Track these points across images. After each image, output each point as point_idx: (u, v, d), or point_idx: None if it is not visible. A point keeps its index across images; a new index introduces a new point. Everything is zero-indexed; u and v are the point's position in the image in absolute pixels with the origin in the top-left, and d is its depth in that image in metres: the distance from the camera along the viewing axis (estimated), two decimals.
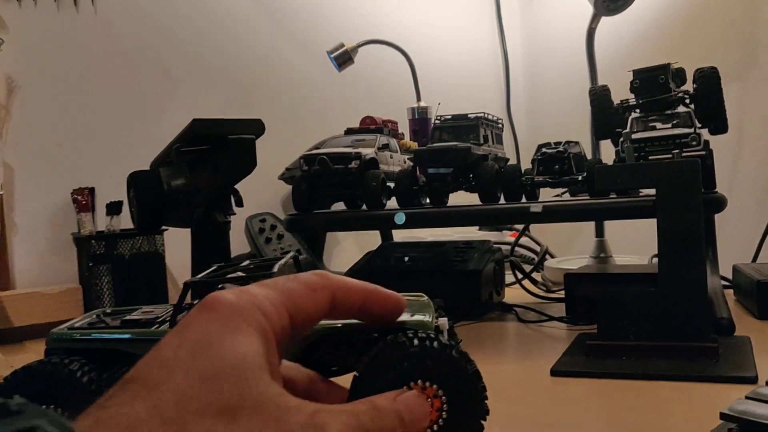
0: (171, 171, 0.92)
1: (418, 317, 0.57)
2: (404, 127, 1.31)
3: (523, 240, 1.45)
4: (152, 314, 0.61)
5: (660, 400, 0.65)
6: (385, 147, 1.09)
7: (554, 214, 0.88)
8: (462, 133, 1.04)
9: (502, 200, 0.98)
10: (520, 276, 1.27)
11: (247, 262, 0.59)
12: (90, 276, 1.15)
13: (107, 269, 1.15)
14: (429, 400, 0.52)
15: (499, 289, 1.20)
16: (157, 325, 0.58)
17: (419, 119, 1.33)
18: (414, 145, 1.23)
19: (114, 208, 1.18)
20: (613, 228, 1.33)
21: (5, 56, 1.16)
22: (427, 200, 1.05)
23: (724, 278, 1.09)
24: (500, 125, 1.14)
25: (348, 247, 1.50)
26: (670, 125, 0.93)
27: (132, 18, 1.32)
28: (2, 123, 1.17)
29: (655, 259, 1.25)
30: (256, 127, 0.99)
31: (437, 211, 0.95)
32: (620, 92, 0.98)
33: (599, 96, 0.98)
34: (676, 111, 0.97)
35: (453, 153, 0.98)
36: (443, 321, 0.63)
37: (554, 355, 0.83)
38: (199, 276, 0.65)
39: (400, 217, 0.95)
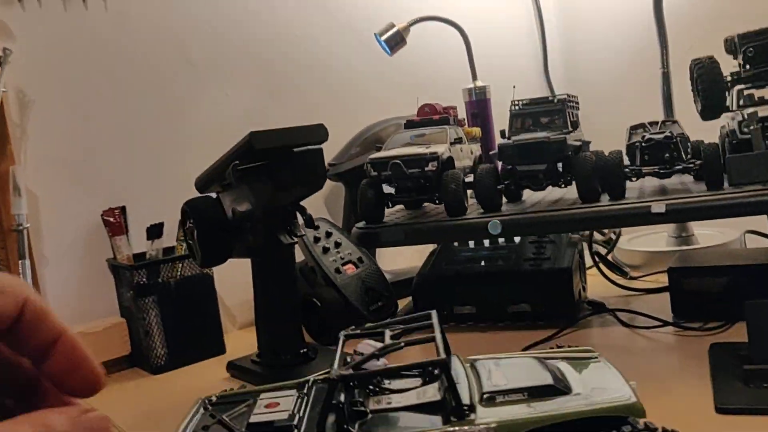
0: (234, 196, 0.80)
1: (620, 398, 0.46)
2: (460, 111, 1.18)
3: None
4: (279, 409, 0.49)
5: None
6: (458, 141, 0.97)
7: (680, 213, 0.77)
8: (547, 120, 0.92)
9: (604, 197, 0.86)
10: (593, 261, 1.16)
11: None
12: (136, 309, 1.03)
13: (153, 300, 1.03)
14: None
15: (584, 284, 1.10)
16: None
17: (477, 101, 1.20)
18: (478, 132, 1.10)
19: (155, 232, 1.06)
20: None
21: (14, 68, 1.02)
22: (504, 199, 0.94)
23: None
24: (578, 105, 1.01)
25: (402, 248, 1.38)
26: None
27: (146, 5, 1.17)
28: (18, 144, 1.04)
29: (749, 235, 1.16)
30: (320, 134, 0.86)
31: (538, 216, 0.83)
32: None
33: (707, 69, 0.86)
34: None
35: (546, 147, 0.86)
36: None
37: (696, 377, 0.72)
38: (357, 330, 0.53)
39: (496, 226, 0.84)
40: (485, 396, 0.43)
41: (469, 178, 0.95)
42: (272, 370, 0.93)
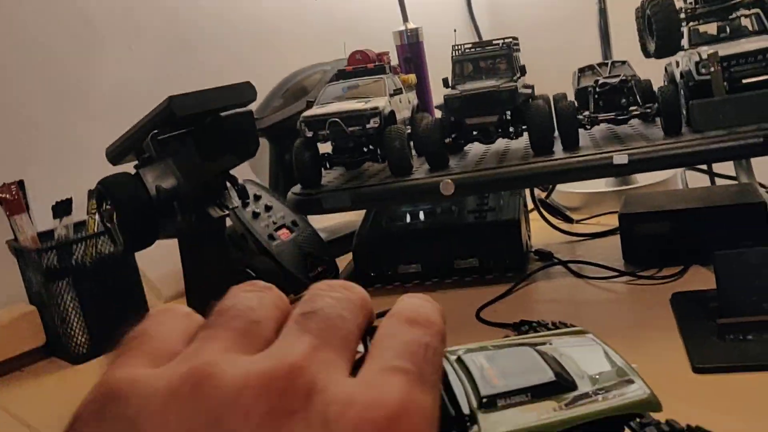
0: (156, 171, 0.70)
1: (637, 393, 0.42)
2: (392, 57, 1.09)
3: None
4: None
5: None
6: (397, 92, 0.89)
7: (643, 163, 0.72)
8: (492, 66, 0.86)
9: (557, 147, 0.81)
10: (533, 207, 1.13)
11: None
12: (48, 296, 0.92)
13: (68, 283, 0.92)
14: None
15: (529, 232, 1.06)
16: None
17: (410, 44, 1.11)
18: (413, 79, 1.03)
19: (62, 209, 0.94)
20: None
21: None
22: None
23: None
24: (519, 46, 0.95)
25: None
26: (746, 37, 0.79)
27: None
28: None
29: (690, 173, 1.15)
30: (248, 94, 0.77)
31: (495, 173, 0.77)
32: None
33: (663, 6, 0.81)
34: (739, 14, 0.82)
35: (497, 96, 0.79)
36: None
37: (661, 331, 0.70)
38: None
39: (449, 187, 0.78)
40: (484, 401, 0.38)
41: (408, 130, 0.89)
42: None
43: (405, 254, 0.99)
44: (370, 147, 0.84)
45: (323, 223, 1.24)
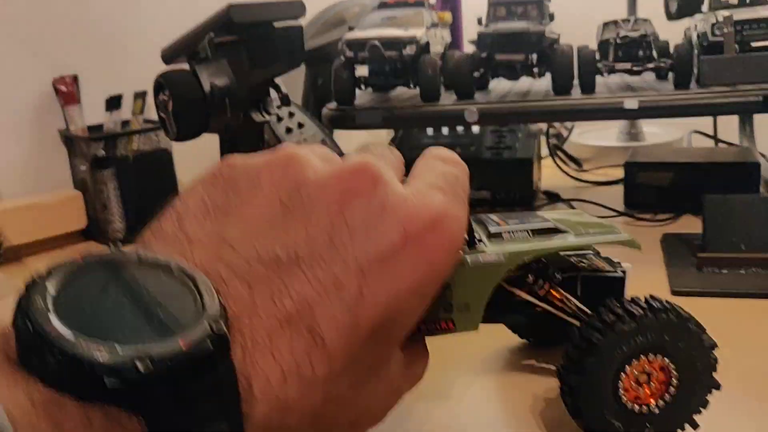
0: (212, 70, 0.77)
1: (621, 235, 0.49)
2: None
3: None
4: None
5: None
6: (434, 26, 0.96)
7: (652, 110, 0.80)
8: (524, 11, 0.92)
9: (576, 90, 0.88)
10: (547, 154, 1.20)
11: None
12: (92, 182, 1.00)
13: (112, 173, 1.00)
14: (655, 373, 0.48)
15: (540, 175, 1.14)
16: None
17: None
18: (448, 17, 1.09)
19: (114, 103, 1.01)
20: None
21: None
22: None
23: None
24: None
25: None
26: (764, 5, 0.85)
27: None
28: None
29: (694, 135, 1.22)
30: (299, 9, 0.84)
31: (515, 106, 0.84)
32: None
33: None
34: None
35: (527, 37, 0.86)
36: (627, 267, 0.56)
37: (650, 264, 0.78)
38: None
39: (472, 114, 0.85)
40: (492, 234, 0.45)
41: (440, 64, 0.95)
42: None
43: None
44: (404, 73, 0.91)
45: (350, 146, 1.31)
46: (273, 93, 0.87)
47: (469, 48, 0.97)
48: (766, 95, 0.75)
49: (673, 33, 0.95)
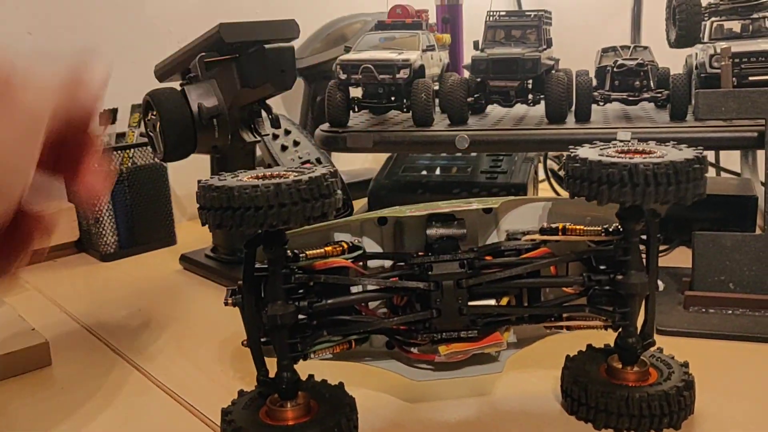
0: (201, 90, 0.77)
1: None
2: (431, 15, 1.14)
3: None
4: None
5: None
6: (430, 49, 0.95)
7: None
8: (522, 35, 0.91)
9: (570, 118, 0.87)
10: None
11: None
12: None
13: None
14: None
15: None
16: None
17: (449, 5, 1.17)
18: (447, 39, 1.08)
19: (109, 117, 1.01)
20: None
21: None
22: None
23: None
24: (551, 21, 1.00)
25: None
26: (765, 38, 0.83)
27: None
28: None
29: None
30: (292, 30, 0.83)
31: (507, 134, 0.83)
32: None
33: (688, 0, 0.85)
34: (763, 15, 0.87)
35: (521, 64, 0.85)
36: None
37: None
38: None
39: (463, 141, 0.84)
40: None
41: (436, 86, 0.95)
42: (226, 265, 0.93)
43: (415, 204, 1.05)
44: (398, 96, 0.90)
45: (345, 167, 1.31)
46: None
47: (466, 71, 0.97)
48: (761, 132, 0.74)
49: (679, 58, 0.94)
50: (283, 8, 1.28)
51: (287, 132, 1.11)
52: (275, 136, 1.08)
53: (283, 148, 1.08)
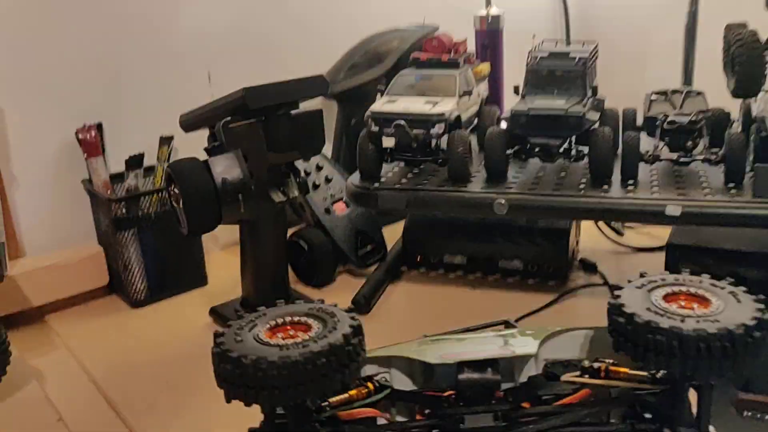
0: (226, 163, 0.73)
1: None
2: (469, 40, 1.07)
3: None
4: None
5: None
6: (467, 93, 0.89)
7: (695, 217, 0.73)
8: (565, 83, 0.85)
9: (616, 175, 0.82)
10: None
11: None
12: (114, 242, 0.98)
13: (134, 234, 0.98)
14: None
15: (578, 238, 1.07)
16: None
17: (489, 31, 1.10)
18: (487, 69, 1.02)
19: (135, 162, 0.99)
20: None
21: None
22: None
23: None
24: (597, 54, 0.93)
25: None
26: None
27: None
28: None
29: None
30: (320, 87, 0.79)
31: (547, 200, 0.79)
32: None
33: (747, 43, 0.78)
34: None
35: (564, 121, 0.79)
36: None
37: None
38: None
39: (501, 207, 0.79)
40: None
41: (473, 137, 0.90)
42: None
43: (452, 244, 1.01)
44: (433, 149, 0.86)
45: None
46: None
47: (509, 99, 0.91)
48: None
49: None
50: (319, 29, 1.22)
51: (319, 168, 1.07)
52: (307, 173, 1.04)
53: (315, 186, 1.04)
